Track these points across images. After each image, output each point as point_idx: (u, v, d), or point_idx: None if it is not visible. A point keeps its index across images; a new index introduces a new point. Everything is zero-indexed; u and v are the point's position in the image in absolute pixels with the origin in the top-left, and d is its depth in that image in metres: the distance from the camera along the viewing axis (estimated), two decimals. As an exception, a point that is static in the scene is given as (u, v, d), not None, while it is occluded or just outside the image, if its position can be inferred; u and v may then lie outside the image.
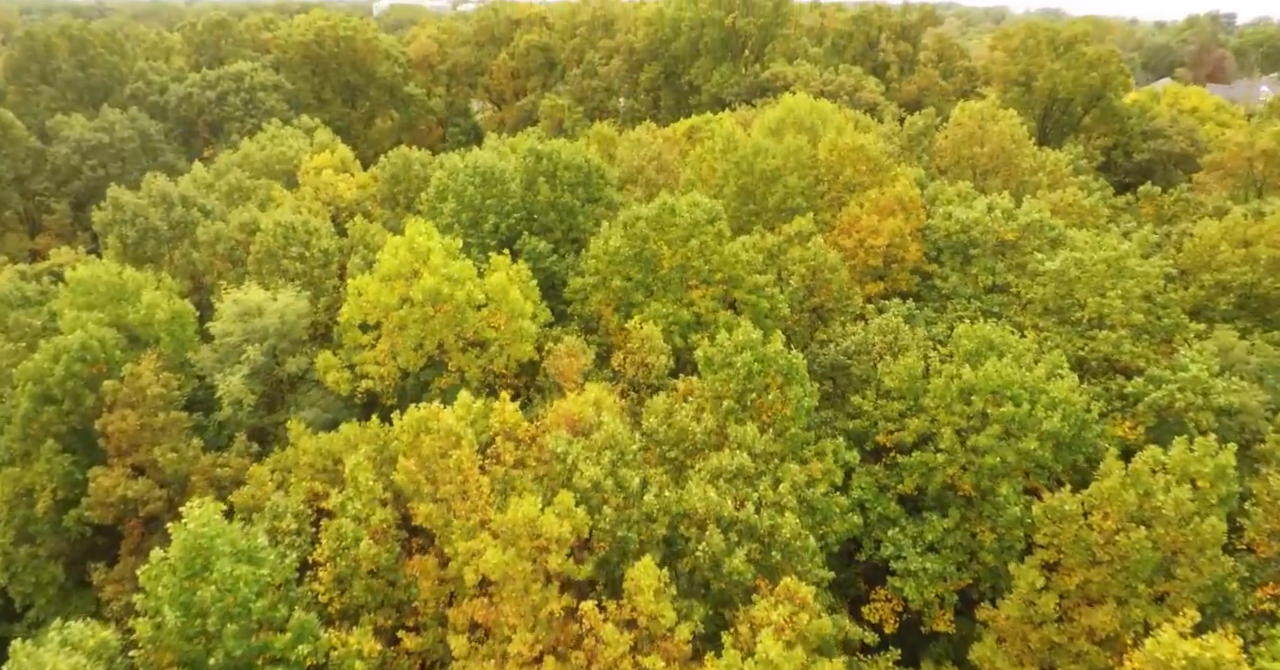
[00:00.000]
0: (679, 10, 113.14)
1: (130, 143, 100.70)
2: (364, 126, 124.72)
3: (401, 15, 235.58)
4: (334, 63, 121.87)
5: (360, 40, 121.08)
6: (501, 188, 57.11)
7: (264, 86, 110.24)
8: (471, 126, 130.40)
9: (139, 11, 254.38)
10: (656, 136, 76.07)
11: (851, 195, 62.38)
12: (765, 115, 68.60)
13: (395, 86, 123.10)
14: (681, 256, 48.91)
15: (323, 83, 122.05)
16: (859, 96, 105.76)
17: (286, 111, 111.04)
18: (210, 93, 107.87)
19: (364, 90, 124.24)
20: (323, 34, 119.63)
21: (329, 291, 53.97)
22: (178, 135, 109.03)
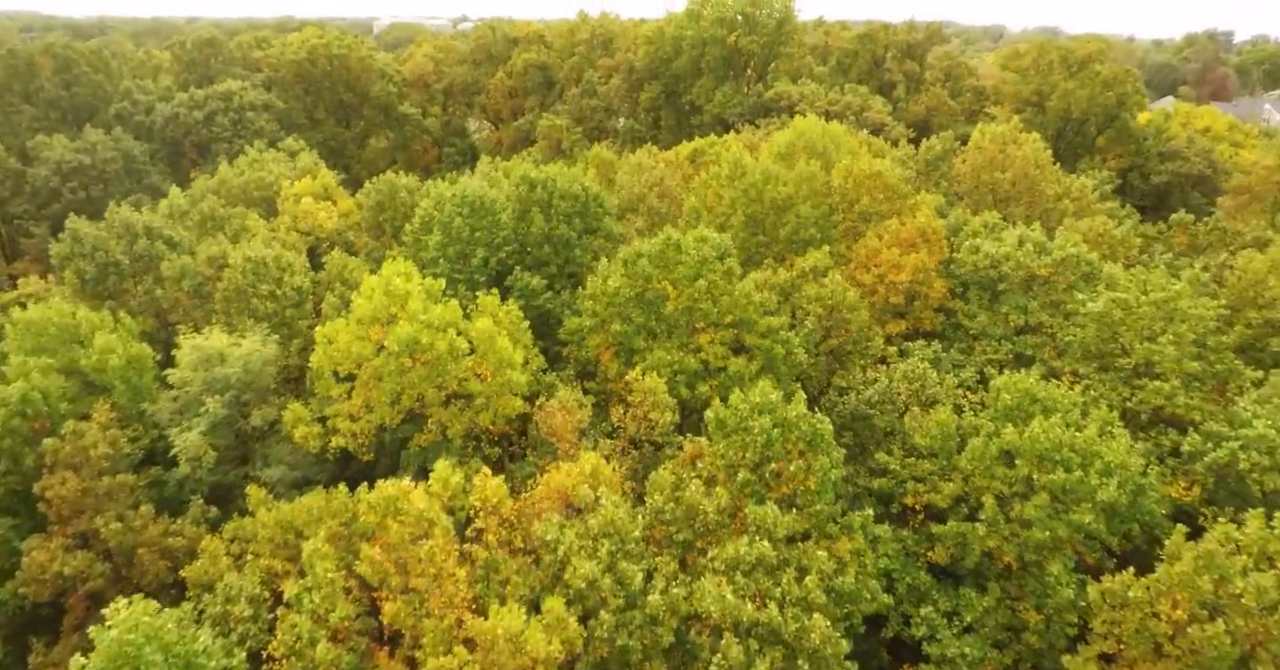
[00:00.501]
0: (680, 28, 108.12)
1: (113, 164, 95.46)
2: (358, 147, 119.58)
3: (401, 34, 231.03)
4: (327, 82, 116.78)
5: (354, 59, 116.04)
6: (491, 219, 51.72)
7: (253, 106, 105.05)
8: (468, 146, 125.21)
9: (139, 29, 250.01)
10: (658, 161, 70.77)
11: (868, 225, 57.02)
12: (774, 139, 63.32)
13: (390, 106, 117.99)
14: (688, 297, 43.46)
15: (315, 102, 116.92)
16: (866, 116, 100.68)
17: (277, 132, 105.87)
18: (198, 113, 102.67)
19: (358, 110, 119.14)
20: (316, 52, 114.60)
21: (302, 333, 48.47)
22: (164, 156, 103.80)
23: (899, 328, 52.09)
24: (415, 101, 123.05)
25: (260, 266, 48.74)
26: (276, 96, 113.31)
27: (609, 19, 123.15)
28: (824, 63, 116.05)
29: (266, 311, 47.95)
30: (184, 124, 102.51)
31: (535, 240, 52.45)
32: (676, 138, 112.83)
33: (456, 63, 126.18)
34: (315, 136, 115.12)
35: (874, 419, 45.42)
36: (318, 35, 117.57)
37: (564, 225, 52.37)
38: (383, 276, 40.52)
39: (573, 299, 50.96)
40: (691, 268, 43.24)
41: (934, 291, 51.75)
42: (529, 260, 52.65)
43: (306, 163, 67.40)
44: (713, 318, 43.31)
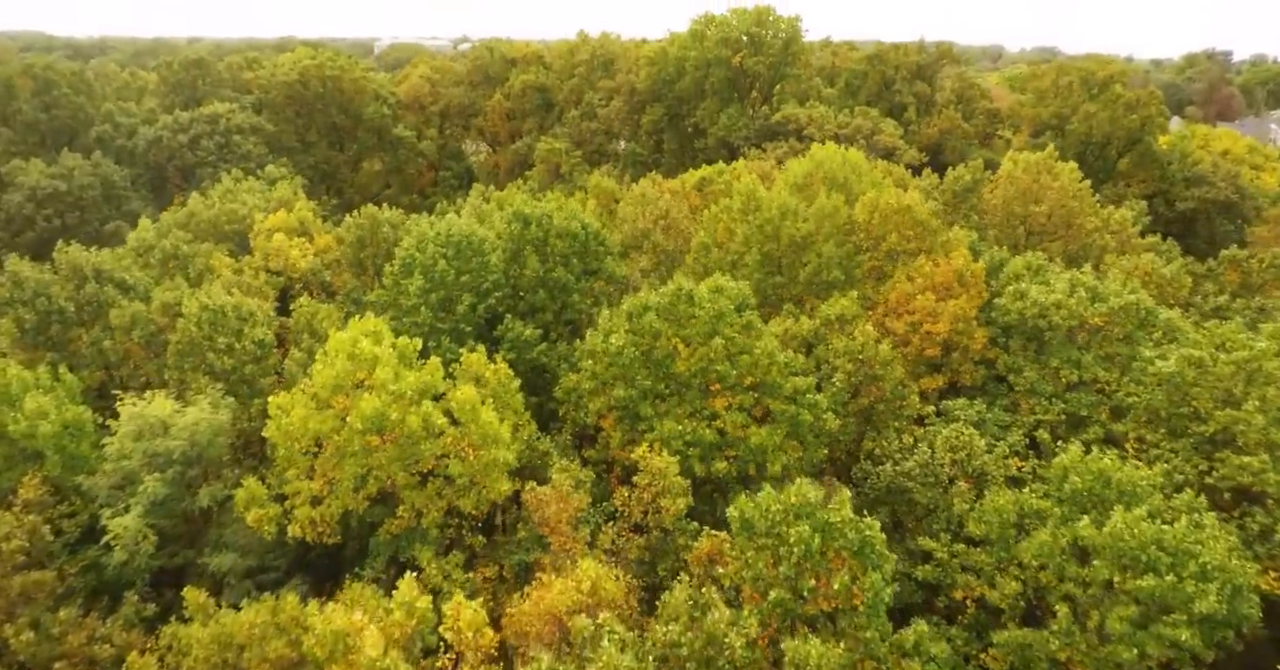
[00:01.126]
0: (683, 49, 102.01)
1: (90, 190, 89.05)
2: (351, 170, 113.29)
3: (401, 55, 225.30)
4: (319, 104, 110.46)
5: (347, 80, 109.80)
6: (480, 261, 45.24)
7: (240, 129, 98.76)
8: (464, 170, 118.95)
9: (139, 49, 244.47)
10: (663, 191, 64.40)
11: (896, 264, 50.59)
12: (791, 169, 56.96)
13: (384, 129, 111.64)
14: (702, 357, 36.95)
15: (307, 125, 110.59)
16: (877, 140, 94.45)
17: (265, 156, 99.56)
18: (182, 136, 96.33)
19: (351, 132, 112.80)
20: (308, 73, 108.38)
21: (265, 391, 41.88)
22: (146, 181, 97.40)
23: (935, 383, 45.56)
24: (410, 124, 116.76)
25: (217, 317, 42.21)
26: (267, 119, 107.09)
27: (610, 39, 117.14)
28: (831, 84, 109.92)
29: (224, 368, 41.40)
30: (167, 148, 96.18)
31: (529, 284, 45.98)
32: (680, 161, 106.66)
33: (453, 84, 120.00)
34: (307, 160, 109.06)
35: (914, 493, 38.87)
36: (310, 56, 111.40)
37: (561, 267, 45.90)
38: (347, 337, 33.93)
39: (570, 351, 44.48)
40: (706, 323, 36.74)
41: (974, 342, 45.25)
42: (522, 307, 46.16)
43: (283, 193, 60.92)
44: (730, 381, 36.77)
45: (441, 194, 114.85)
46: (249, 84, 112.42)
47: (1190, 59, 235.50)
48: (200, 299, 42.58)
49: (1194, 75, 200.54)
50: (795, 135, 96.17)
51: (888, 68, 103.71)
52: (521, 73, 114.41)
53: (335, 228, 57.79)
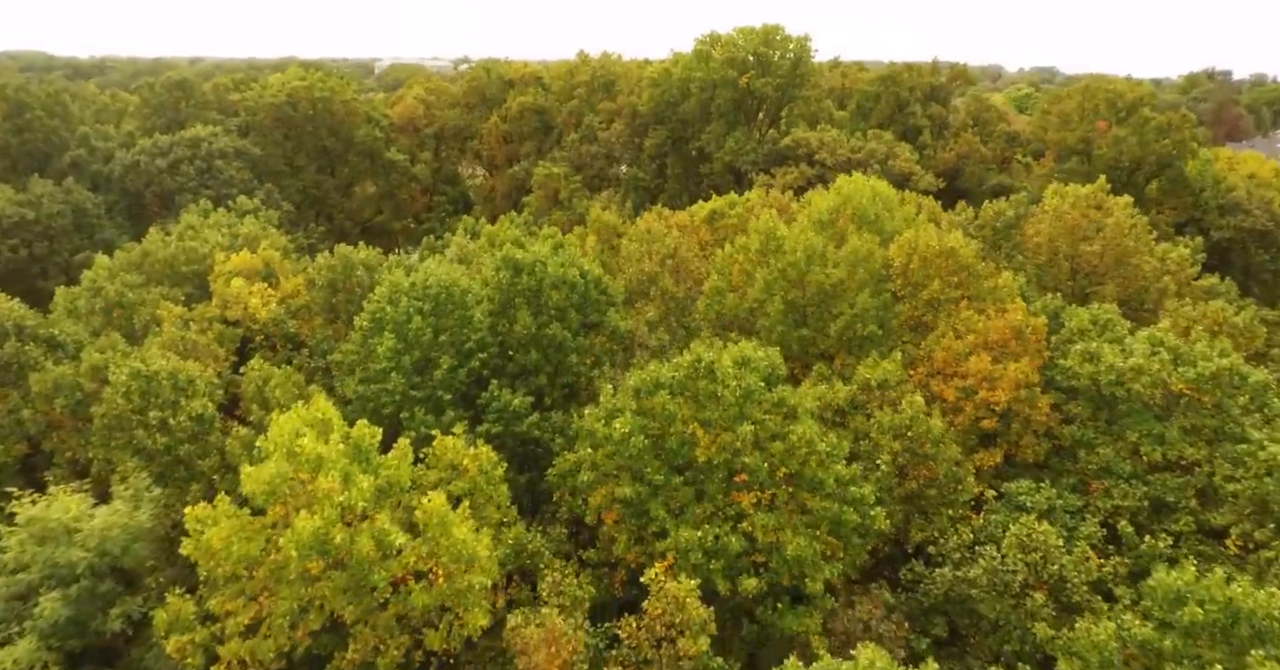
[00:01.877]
0: (688, 70, 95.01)
1: (61, 219, 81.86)
2: (342, 195, 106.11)
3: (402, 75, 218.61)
4: (309, 126, 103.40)
5: (338, 102, 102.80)
6: (462, 316, 37.89)
7: (224, 154, 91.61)
8: (460, 195, 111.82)
9: (139, 69, 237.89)
10: (670, 226, 57.17)
11: (938, 314, 43.28)
12: (814, 204, 49.65)
13: (376, 152, 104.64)
14: (726, 446, 29.63)
15: (296, 148, 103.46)
16: (891, 165, 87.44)
17: (249, 181, 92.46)
18: (161, 161, 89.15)
19: (342, 156, 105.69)
20: (296, 95, 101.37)
21: (205, 475, 34.48)
22: (123, 209, 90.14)
23: (992, 459, 38.10)
24: (404, 147, 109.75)
25: (150, 385, 34.82)
26: (254, 142, 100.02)
27: (610, 60, 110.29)
28: (842, 107, 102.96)
29: (156, 447, 33.97)
30: (145, 173, 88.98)
31: (519, 343, 38.62)
32: (684, 186, 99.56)
33: (449, 106, 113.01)
34: (295, 184, 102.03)
35: (978, 604, 31.46)
36: (299, 77, 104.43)
37: (556, 322, 38.53)
38: (289, 426, 26.50)
39: (565, 421, 37.12)
40: (732, 405, 29.37)
41: (1038, 412, 37.84)
42: (511, 368, 38.77)
43: (251, 229, 53.55)
44: (761, 475, 29.39)
45: (436, 219, 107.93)
46: (235, 106, 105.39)
47: (1192, 79, 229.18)
48: (131, 364, 35.16)
49: (1200, 95, 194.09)
50: (806, 160, 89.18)
51: (901, 89, 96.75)
52: (519, 94, 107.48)
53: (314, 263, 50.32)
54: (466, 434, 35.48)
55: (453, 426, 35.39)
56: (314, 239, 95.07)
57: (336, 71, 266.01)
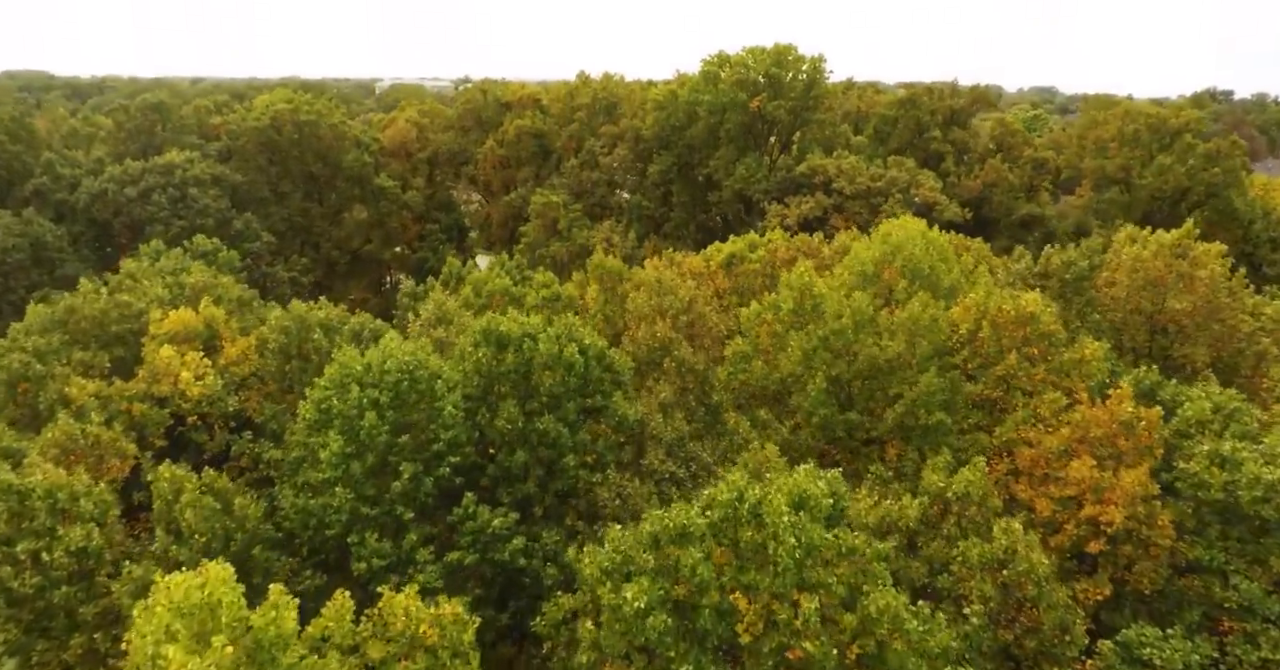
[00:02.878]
0: (695, 92, 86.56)
1: (17, 253, 73.30)
2: (329, 223, 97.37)
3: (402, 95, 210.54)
4: (294, 151, 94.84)
5: (325, 125, 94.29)
6: (429, 409, 29.17)
7: (199, 181, 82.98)
8: (454, 223, 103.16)
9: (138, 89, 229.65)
10: (684, 272, 48.51)
11: (1011, 391, 34.55)
12: (857, 254, 40.83)
13: (365, 177, 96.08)
14: (781, 622, 20.84)
15: (281, 174, 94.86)
16: (914, 195, 78.99)
17: (227, 210, 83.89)
18: (130, 189, 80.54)
19: (329, 182, 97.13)
20: (280, 118, 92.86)
21: (91, 627, 25.63)
22: (89, 241, 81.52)
23: (1099, 593, 29.25)
24: (396, 172, 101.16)
25: (24, 505, 26.01)
26: (235, 168, 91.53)
27: (613, 81, 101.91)
28: (858, 131, 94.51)
29: (24, 591, 25.14)
30: (113, 202, 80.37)
31: (503, 439, 29.87)
32: (690, 215, 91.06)
33: (443, 129, 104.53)
34: (280, 212, 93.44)
35: None
36: (285, 99, 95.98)
37: (549, 414, 29.78)
38: (154, 630, 17.66)
39: (559, 543, 28.34)
40: (790, 571, 20.53)
41: (1159, 533, 29.01)
42: (492, 472, 29.99)
43: (199, 279, 44.63)
44: (830, 665, 20.52)
45: (428, 248, 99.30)
46: (217, 130, 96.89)
47: (1197, 99, 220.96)
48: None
49: (1209, 116, 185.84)
50: (822, 188, 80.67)
51: (921, 113, 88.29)
52: (516, 117, 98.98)
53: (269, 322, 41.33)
54: (432, 563, 26.74)
55: (415, 554, 26.61)
56: (296, 271, 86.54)
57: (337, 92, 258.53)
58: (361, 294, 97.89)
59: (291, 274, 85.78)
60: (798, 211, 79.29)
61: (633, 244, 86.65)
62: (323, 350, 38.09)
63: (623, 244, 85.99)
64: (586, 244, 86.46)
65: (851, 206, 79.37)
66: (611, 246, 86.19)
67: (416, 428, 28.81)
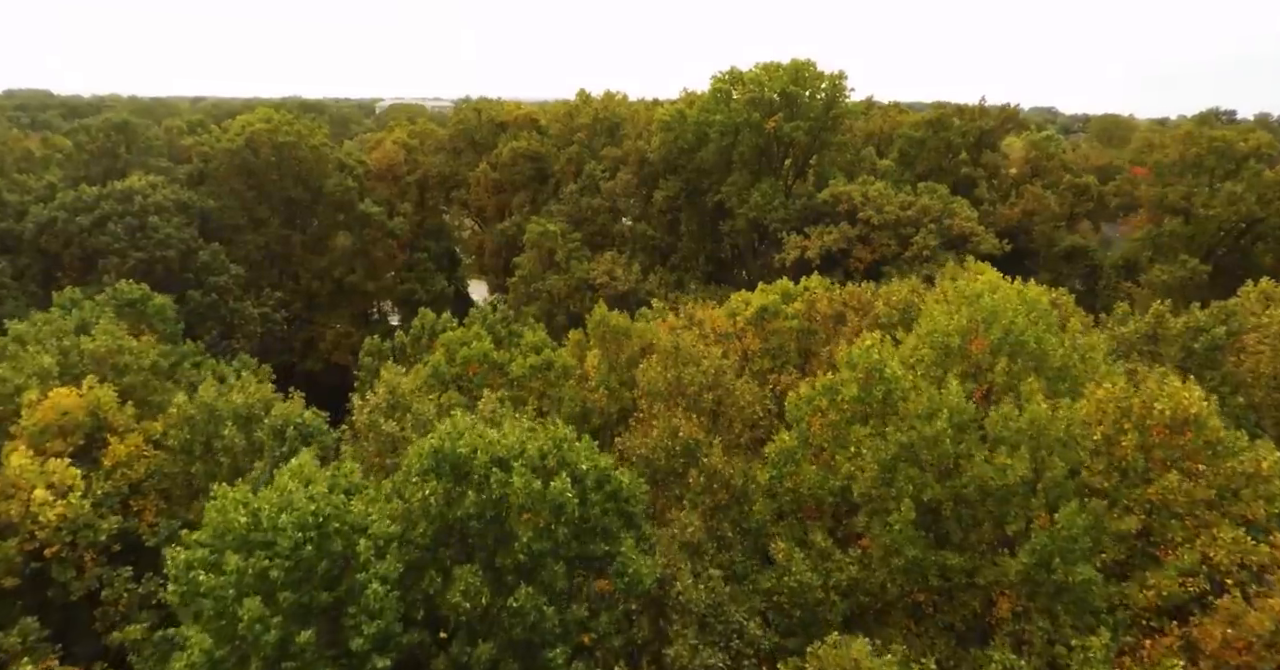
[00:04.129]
0: (705, 112, 76.39)
1: (-51, 291, 63.02)
2: (309, 252, 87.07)
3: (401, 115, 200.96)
4: (272, 174, 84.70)
5: (305, 147, 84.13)
6: (347, 586, 18.75)
7: (161, 208, 72.74)
8: (445, 251, 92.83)
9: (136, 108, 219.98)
10: (708, 329, 38.11)
11: (1158, 521, 24.12)
12: (933, 318, 30.47)
13: (348, 203, 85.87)
14: None
15: (258, 199, 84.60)
16: (948, 226, 68.84)
17: (193, 240, 73.68)
18: (84, 218, 70.31)
19: (310, 208, 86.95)
20: (257, 139, 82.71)
21: None
22: (36, 275, 71.17)
23: None
24: (382, 197, 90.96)
25: None
26: (208, 193, 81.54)
27: (615, 100, 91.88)
28: (881, 154, 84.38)
29: None
30: (63, 232, 70.11)
31: (460, 621, 19.39)
32: (700, 246, 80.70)
33: (434, 151, 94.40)
34: (256, 240, 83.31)
35: None
36: (264, 119, 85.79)
37: (527, 585, 19.37)
38: None
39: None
40: None
41: None
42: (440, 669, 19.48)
43: (103, 343, 34.19)
44: None
45: (415, 279, 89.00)
46: (188, 152, 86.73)
47: (1204, 118, 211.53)
48: None
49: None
50: (847, 217, 70.52)
51: (952, 134, 78.22)
52: (511, 138, 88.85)
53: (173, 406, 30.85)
54: None
55: None
56: (268, 306, 76.25)
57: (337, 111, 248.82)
58: (344, 327, 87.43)
59: (263, 309, 75.45)
60: (819, 243, 69.12)
61: (637, 277, 76.43)
62: (237, 449, 27.61)
63: (626, 277, 75.83)
64: (586, 277, 76.24)
65: (879, 238, 69.19)
66: (614, 280, 76.09)
67: (324, 614, 18.35)
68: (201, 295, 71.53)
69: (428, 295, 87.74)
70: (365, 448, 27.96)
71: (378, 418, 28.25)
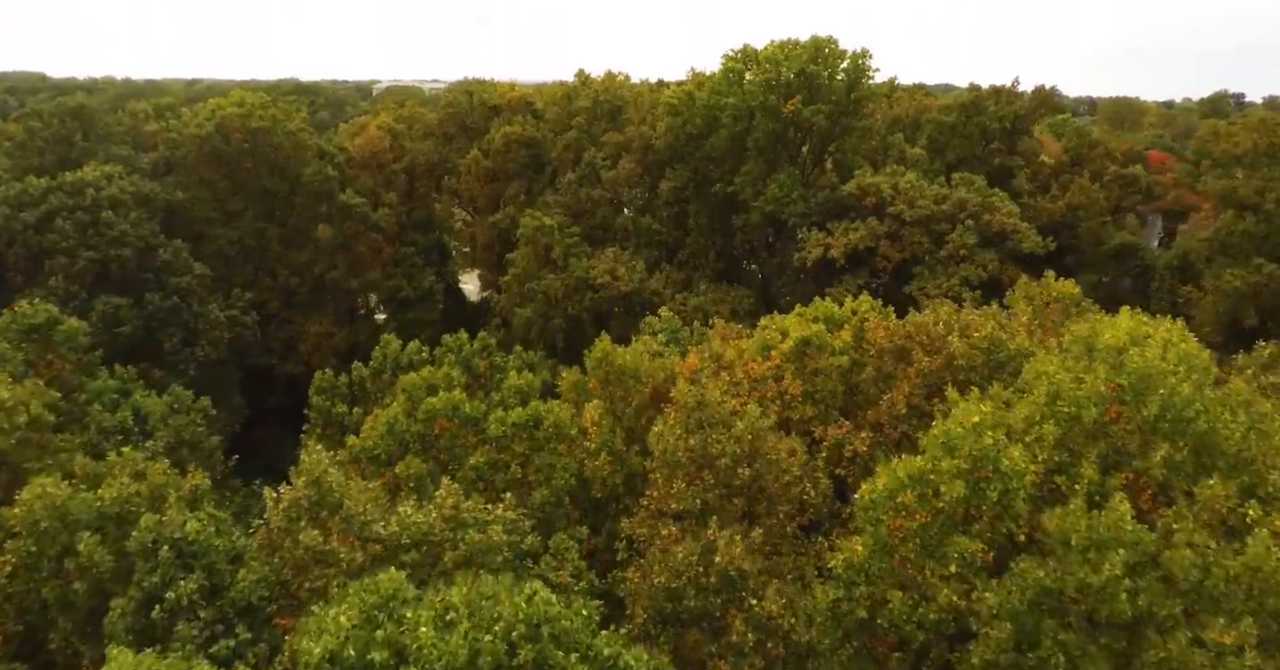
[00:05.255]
0: (716, 94, 67.18)
1: None
2: (287, 247, 78.03)
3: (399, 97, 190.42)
4: (246, 162, 75.46)
5: (280, 133, 74.88)
6: None
7: (118, 202, 63.73)
8: (434, 244, 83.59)
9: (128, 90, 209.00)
10: (736, 373, 29.43)
11: None
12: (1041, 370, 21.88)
13: (328, 193, 76.79)
14: None
15: (231, 190, 75.45)
16: (988, 222, 60.01)
17: (153, 237, 64.84)
18: (29, 214, 61.38)
19: (288, 199, 77.72)
20: (228, 125, 73.35)
21: None
22: (-25, 278, 62.46)
23: None
24: (366, 186, 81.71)
25: None
26: (175, 184, 72.56)
27: (616, 81, 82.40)
28: (911, 141, 75.08)
29: None
30: (6, 230, 61.22)
31: None
32: (710, 242, 71.90)
33: (422, 136, 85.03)
34: (229, 234, 74.31)
35: None
36: (236, 103, 76.28)
37: None
38: None
39: None
40: None
41: None
42: None
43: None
44: None
45: (402, 275, 79.92)
46: (154, 139, 77.39)
47: (1215, 102, 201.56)
48: None
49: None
50: (874, 212, 61.69)
51: (987, 119, 69.01)
52: (504, 124, 79.56)
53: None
54: None
55: None
56: (237, 308, 67.45)
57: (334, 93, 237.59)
58: (325, 328, 78.63)
59: (231, 312, 66.68)
60: (844, 240, 60.39)
61: (641, 276, 67.71)
62: (101, 570, 19.11)
63: (629, 276, 67.10)
64: (586, 276, 67.50)
65: (910, 235, 60.45)
66: (616, 279, 67.37)
67: None
68: (161, 298, 62.77)
69: (415, 292, 78.76)
70: (278, 563, 19.49)
71: (297, 517, 19.76)
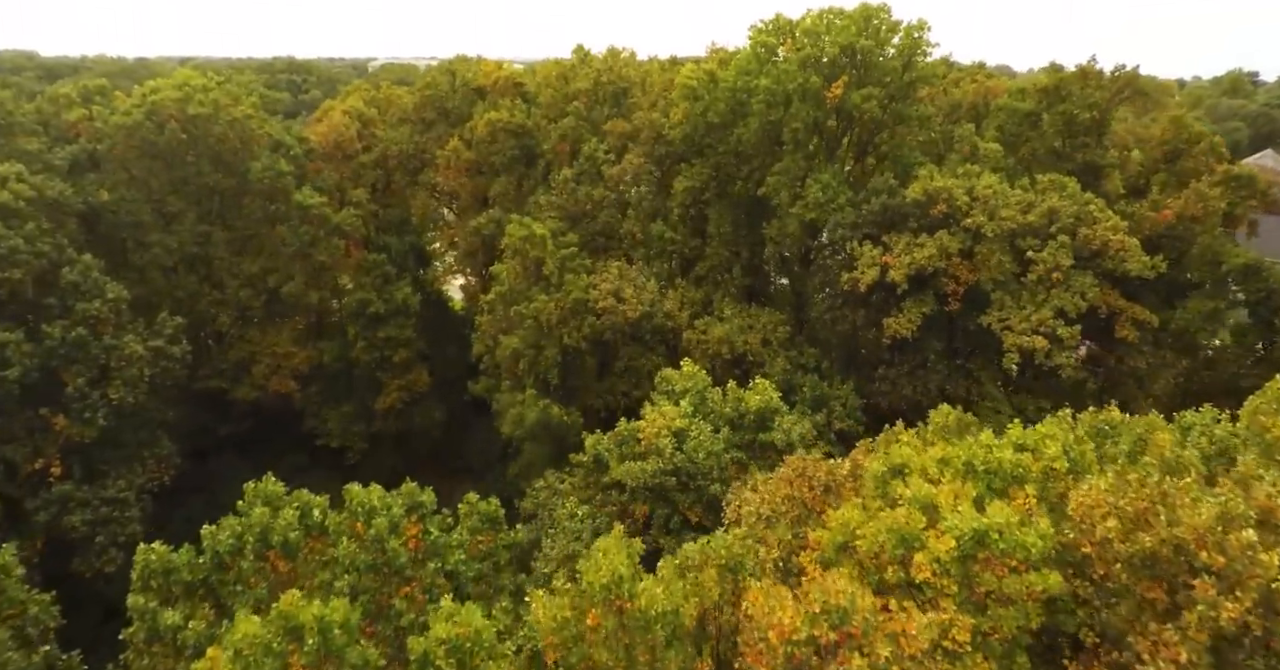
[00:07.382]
0: (745, 75, 51.97)
1: None
2: (236, 254, 63.40)
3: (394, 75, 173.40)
4: (188, 156, 60.66)
5: (224, 121, 59.86)
6: None
7: (11, 211, 49.07)
8: (410, 248, 68.54)
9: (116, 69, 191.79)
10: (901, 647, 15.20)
11: None
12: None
13: (281, 191, 61.91)
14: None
15: (169, 189, 60.56)
16: (1086, 237, 45.26)
17: (59, 254, 50.38)
18: (-107, 224, 46.75)
19: (236, 199, 62.93)
20: (162, 112, 58.33)
21: None
22: None
23: None
24: (330, 182, 66.73)
25: None
26: (100, 183, 57.83)
27: (621, 59, 66.90)
28: (979, 133, 59.64)
29: None
30: None
31: None
32: (735, 254, 56.88)
33: (396, 123, 69.79)
34: (167, 241, 59.79)
35: None
36: (174, 86, 60.98)
37: None
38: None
39: None
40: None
41: None
42: None
43: None
44: None
45: (371, 286, 65.07)
46: (77, 129, 62.13)
47: (1234, 80, 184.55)
48: None
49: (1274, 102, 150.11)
50: (943, 223, 46.90)
51: (1074, 107, 53.83)
52: (489, 108, 64.29)
53: None
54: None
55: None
56: (163, 338, 52.83)
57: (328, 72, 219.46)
58: (284, 348, 64.36)
59: (156, 343, 52.17)
60: (908, 259, 45.70)
61: (652, 297, 53.19)
62: None
63: (637, 297, 52.50)
64: (585, 296, 52.85)
65: (987, 252, 45.84)
66: (621, 302, 52.81)
67: None
68: (64, 330, 48.30)
69: (386, 306, 64.04)
70: None
71: None
